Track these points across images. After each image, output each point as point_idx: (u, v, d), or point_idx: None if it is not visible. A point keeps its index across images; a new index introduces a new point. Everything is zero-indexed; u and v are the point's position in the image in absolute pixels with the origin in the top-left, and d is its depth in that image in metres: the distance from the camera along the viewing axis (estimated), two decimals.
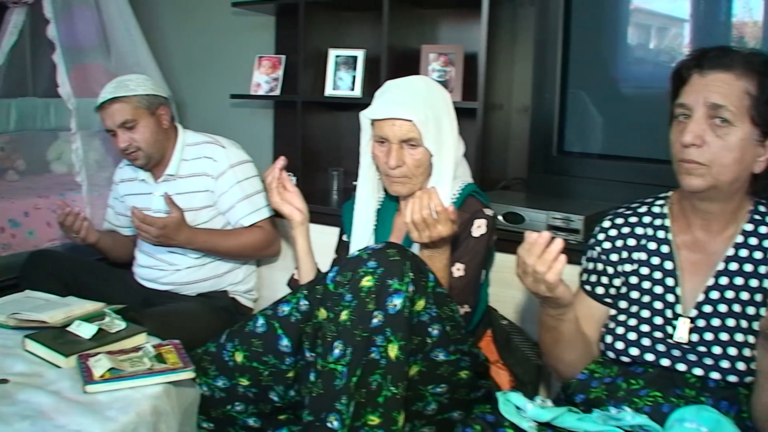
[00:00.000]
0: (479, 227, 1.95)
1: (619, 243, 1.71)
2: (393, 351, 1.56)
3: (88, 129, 3.12)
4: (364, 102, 2.91)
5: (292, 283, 2.23)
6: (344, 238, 2.25)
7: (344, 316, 1.59)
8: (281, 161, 2.09)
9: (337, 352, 1.57)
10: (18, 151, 3.55)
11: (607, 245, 1.72)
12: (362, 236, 2.11)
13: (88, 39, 3.41)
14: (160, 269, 2.64)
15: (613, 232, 1.72)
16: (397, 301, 1.57)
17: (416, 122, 1.89)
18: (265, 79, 3.35)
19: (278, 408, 1.85)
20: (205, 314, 2.50)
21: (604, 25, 2.63)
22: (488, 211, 1.99)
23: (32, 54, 3.73)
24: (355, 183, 3.10)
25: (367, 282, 1.59)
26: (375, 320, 1.56)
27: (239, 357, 1.81)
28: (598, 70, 2.63)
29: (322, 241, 2.25)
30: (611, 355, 1.63)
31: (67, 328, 1.89)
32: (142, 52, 3.50)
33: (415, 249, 1.83)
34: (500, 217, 2.34)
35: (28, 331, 1.88)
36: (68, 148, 3.53)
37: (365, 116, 2.00)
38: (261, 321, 1.79)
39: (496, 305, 2.19)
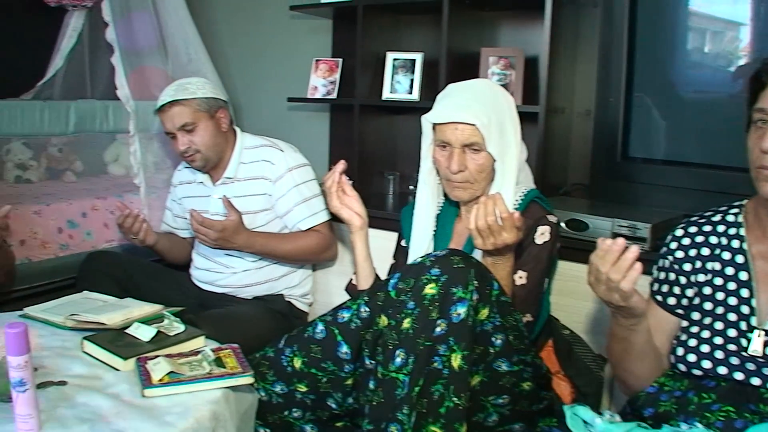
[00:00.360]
0: (542, 234, 1.91)
1: (692, 252, 1.65)
2: (456, 361, 1.52)
3: (146, 131, 3.14)
4: (421, 106, 2.90)
5: (350, 288, 2.20)
6: (403, 243, 2.21)
7: (406, 324, 1.56)
8: (341, 165, 2.07)
9: (398, 360, 1.54)
10: (76, 153, 3.59)
11: (679, 254, 1.66)
12: (422, 242, 2.08)
13: (146, 42, 3.43)
14: (217, 272, 2.64)
15: (686, 241, 1.66)
16: (461, 310, 1.53)
17: (479, 126, 1.85)
18: (322, 82, 3.34)
19: (336, 415, 1.83)
20: (262, 317, 2.49)
21: (669, 27, 2.55)
22: (552, 218, 1.94)
23: (91, 57, 3.77)
24: (411, 187, 3.11)
25: (430, 289, 1.56)
26: (438, 329, 1.53)
27: (298, 363, 1.79)
28: (663, 73, 2.56)
29: (377, 245, 2.21)
30: (682, 367, 1.58)
31: (126, 331, 1.89)
32: (200, 56, 3.52)
33: (477, 255, 1.78)
34: (563, 224, 2.28)
35: (86, 333, 1.89)
36: (125, 150, 3.57)
37: (427, 120, 1.96)
38: (320, 327, 1.77)
39: (557, 314, 2.14)
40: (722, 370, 1.51)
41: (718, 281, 1.59)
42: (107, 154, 3.69)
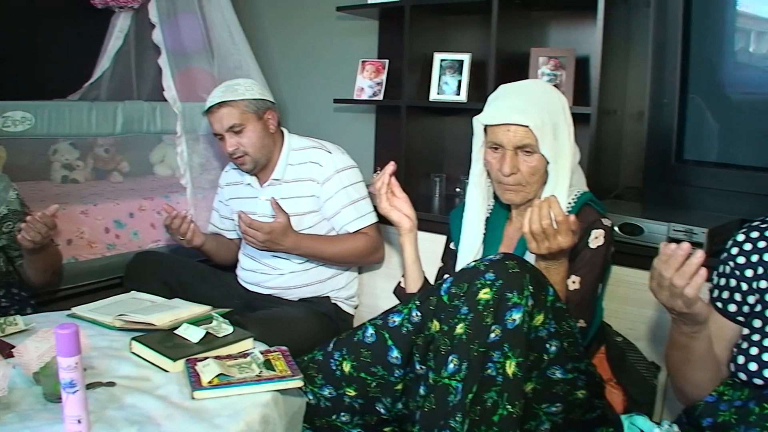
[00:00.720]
0: (596, 238, 1.86)
1: (754, 258, 1.59)
2: (510, 368, 1.50)
3: (192, 132, 3.15)
4: (469, 107, 2.87)
5: (399, 291, 2.18)
6: (451, 246, 2.18)
7: (460, 329, 1.53)
8: (391, 167, 2.06)
9: (451, 366, 1.52)
10: (122, 153, 3.62)
11: (741, 260, 1.61)
12: (471, 245, 2.04)
13: (193, 43, 3.45)
14: (263, 273, 2.63)
15: (747, 246, 1.61)
16: (516, 316, 1.50)
17: (532, 128, 1.81)
18: (368, 83, 3.31)
19: (384, 420, 1.81)
20: (308, 319, 2.48)
21: (724, 28, 2.49)
22: (606, 222, 1.89)
23: (137, 58, 3.80)
24: (458, 189, 3.07)
25: (484, 294, 1.53)
26: (492, 335, 1.50)
27: (347, 367, 1.77)
28: (718, 75, 2.50)
29: (424, 247, 2.19)
30: (743, 376, 1.53)
31: (175, 332, 1.89)
32: (246, 57, 3.51)
33: (529, 259, 1.74)
34: (616, 228, 2.23)
35: (134, 333, 1.89)
36: (171, 151, 3.59)
37: (478, 121, 1.93)
38: (370, 331, 1.75)
39: (610, 320, 2.09)
40: None
41: None
42: (153, 154, 3.72)
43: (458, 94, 2.97)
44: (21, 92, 3.07)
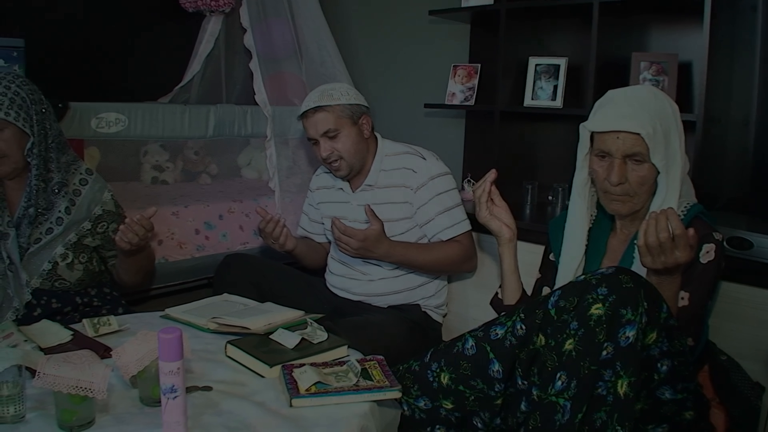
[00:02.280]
0: (707, 253, 1.77)
1: None
2: (622, 387, 1.44)
3: (281, 136, 3.15)
4: (565, 113, 2.79)
5: (495, 302, 2.13)
6: (550, 257, 2.12)
7: (569, 345, 1.48)
8: (492, 174, 2.01)
9: (559, 384, 1.47)
10: (211, 156, 3.65)
11: None
12: (573, 257, 1.97)
13: (283, 47, 3.46)
14: (353, 278, 2.60)
15: None
16: (630, 333, 1.44)
17: (644, 136, 1.73)
18: (459, 88, 3.27)
19: None
20: (398, 327, 2.43)
21: None
22: (717, 236, 1.79)
23: (226, 62, 3.83)
24: (550, 197, 3.00)
25: (596, 310, 1.47)
26: (604, 352, 1.45)
27: (445, 378, 1.73)
28: None
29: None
30: None
31: (270, 336, 1.87)
32: (334, 61, 3.51)
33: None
34: (724, 242, 2.13)
35: (228, 337, 1.88)
36: (258, 155, 3.61)
37: (585, 128, 1.86)
38: (471, 343, 1.71)
39: (714, 338, 2.00)
40: None
41: None
42: (240, 157, 3.74)
43: (554, 99, 2.89)
44: (113, 94, 3.13)
